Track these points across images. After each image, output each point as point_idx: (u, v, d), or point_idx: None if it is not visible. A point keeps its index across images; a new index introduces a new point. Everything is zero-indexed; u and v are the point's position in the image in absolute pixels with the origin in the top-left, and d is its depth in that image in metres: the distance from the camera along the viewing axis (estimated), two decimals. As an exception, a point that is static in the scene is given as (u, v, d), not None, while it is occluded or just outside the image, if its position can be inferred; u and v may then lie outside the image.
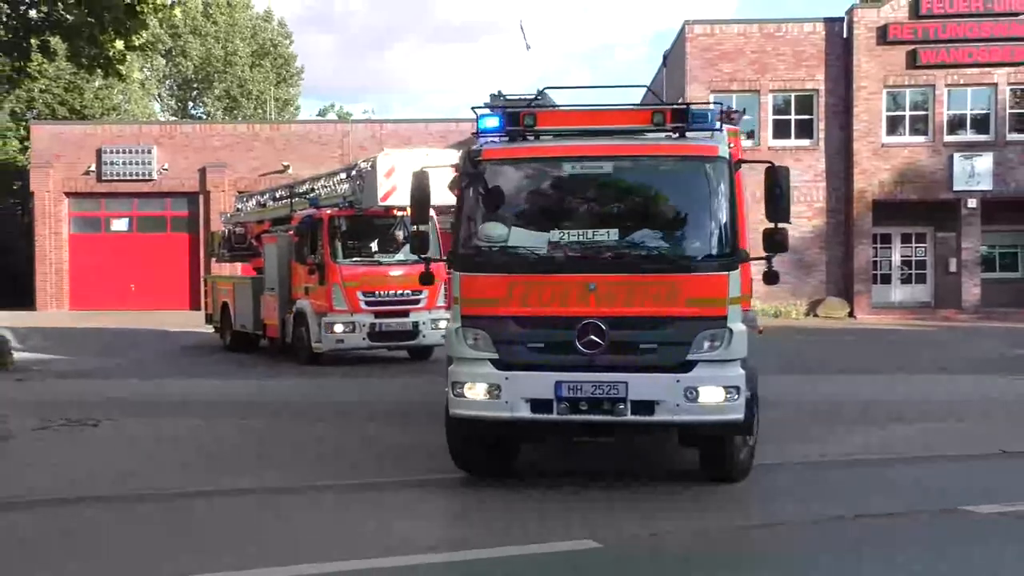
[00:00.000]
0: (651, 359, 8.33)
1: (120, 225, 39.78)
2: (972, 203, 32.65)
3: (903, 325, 30.07)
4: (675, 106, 8.93)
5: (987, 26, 32.29)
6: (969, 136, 33.08)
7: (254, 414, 13.14)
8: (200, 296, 34.53)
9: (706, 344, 8.27)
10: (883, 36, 32.58)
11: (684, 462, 9.52)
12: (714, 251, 8.51)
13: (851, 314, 32.47)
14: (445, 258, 9.34)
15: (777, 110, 33.76)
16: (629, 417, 8.27)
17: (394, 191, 17.83)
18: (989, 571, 6.72)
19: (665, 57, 37.98)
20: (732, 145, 9.02)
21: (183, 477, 9.55)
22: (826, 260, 33.53)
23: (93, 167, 38.47)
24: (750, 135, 32.74)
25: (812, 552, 7.15)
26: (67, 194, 38.68)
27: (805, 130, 33.75)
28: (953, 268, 33.24)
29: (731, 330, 8.31)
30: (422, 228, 9.29)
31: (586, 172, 8.86)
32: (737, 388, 8.27)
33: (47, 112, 46.41)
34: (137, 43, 14.49)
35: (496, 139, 8.99)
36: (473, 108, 9.11)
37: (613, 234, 8.66)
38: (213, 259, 28.00)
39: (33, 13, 13.36)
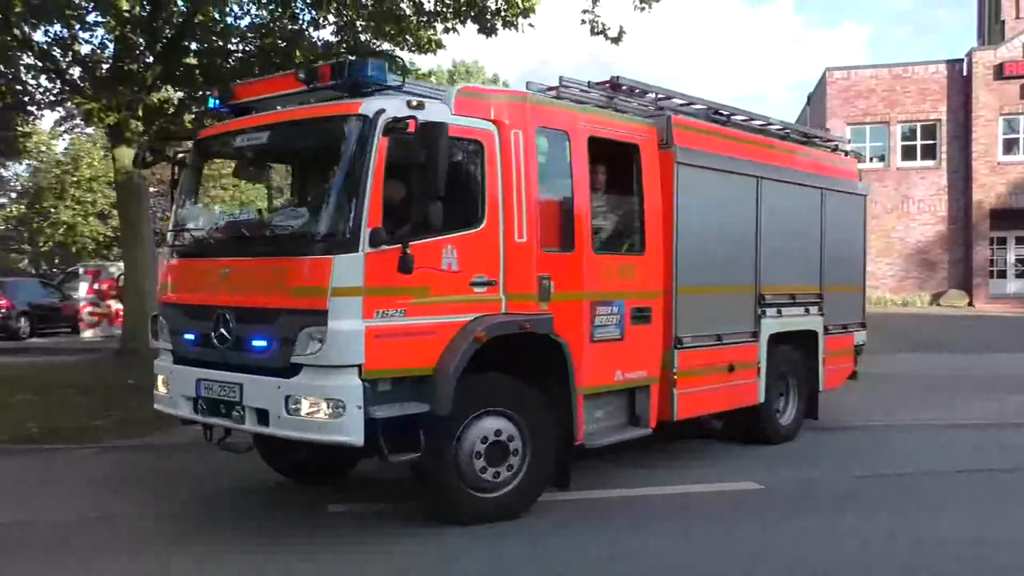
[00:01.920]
0: (262, 359, 5.67)
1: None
2: (1080, 210, 30.42)
3: (1018, 313, 28.21)
4: (336, 61, 6.18)
5: (1094, 59, 29.94)
6: (1077, 154, 30.79)
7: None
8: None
9: (310, 345, 5.38)
10: (999, 72, 30.66)
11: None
12: (323, 229, 5.54)
13: (970, 303, 30.73)
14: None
15: (904, 137, 32.22)
16: (251, 426, 5.72)
17: None
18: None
19: (809, 98, 36.89)
20: (445, 110, 5.81)
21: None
22: (948, 259, 31.86)
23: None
24: (881, 158, 31.70)
25: (933, 497, 6.89)
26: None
27: (929, 153, 32.09)
28: (1063, 265, 31.05)
29: (331, 329, 5.30)
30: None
31: (249, 145, 6.30)
32: (341, 402, 5.28)
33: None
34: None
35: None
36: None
37: (251, 212, 6.45)
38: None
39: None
